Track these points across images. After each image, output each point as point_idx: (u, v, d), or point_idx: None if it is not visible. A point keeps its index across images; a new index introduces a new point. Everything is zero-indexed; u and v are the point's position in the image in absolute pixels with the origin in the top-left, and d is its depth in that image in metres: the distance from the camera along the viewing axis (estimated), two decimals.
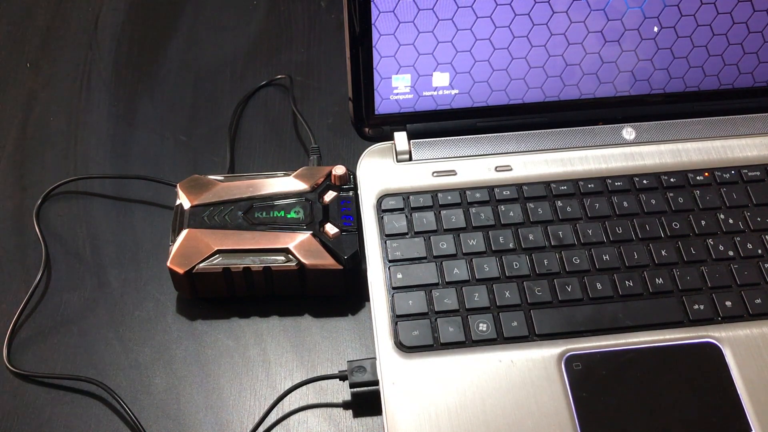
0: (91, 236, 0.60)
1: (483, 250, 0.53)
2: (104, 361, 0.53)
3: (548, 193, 0.56)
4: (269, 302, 0.56)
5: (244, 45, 0.74)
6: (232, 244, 0.53)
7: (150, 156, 0.65)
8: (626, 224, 0.55)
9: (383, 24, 0.53)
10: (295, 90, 0.69)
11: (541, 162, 0.58)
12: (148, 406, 0.51)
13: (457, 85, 0.57)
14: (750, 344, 0.49)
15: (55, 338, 0.55)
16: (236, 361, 0.54)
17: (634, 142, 0.59)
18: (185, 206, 0.55)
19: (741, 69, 0.59)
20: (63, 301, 0.57)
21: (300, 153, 0.65)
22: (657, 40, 0.56)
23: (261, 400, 0.52)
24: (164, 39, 0.74)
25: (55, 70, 0.72)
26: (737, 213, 0.55)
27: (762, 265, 0.53)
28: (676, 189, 0.56)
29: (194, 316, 0.56)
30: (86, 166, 0.65)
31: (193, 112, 0.69)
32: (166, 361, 0.54)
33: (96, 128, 0.67)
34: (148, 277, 0.58)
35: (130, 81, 0.71)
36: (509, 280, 0.52)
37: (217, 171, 0.63)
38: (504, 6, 0.53)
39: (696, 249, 0.53)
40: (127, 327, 0.55)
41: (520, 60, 0.56)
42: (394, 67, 0.56)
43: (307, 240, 0.53)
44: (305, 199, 0.55)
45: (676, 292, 0.52)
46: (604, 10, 0.54)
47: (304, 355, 0.54)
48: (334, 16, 0.76)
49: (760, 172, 0.57)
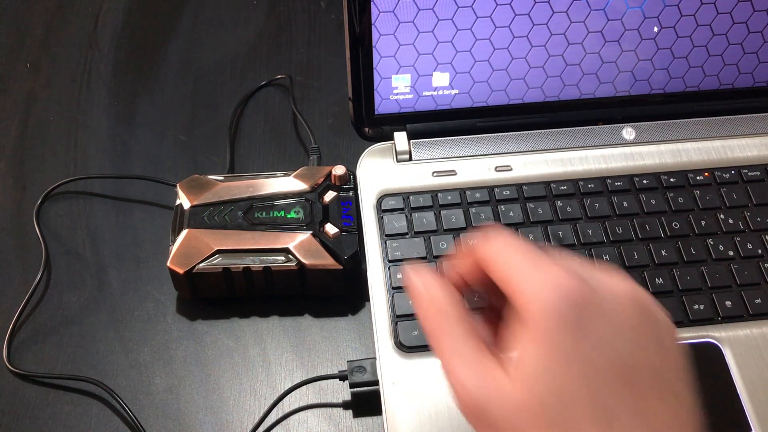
0: (91, 236, 0.60)
1: None
2: (104, 361, 0.53)
3: (548, 193, 0.56)
4: (269, 302, 0.56)
5: (244, 45, 0.74)
6: (232, 244, 0.53)
7: (150, 156, 0.65)
8: (626, 224, 0.55)
9: (383, 24, 0.53)
10: (295, 90, 0.69)
11: (541, 162, 0.58)
12: (148, 406, 0.51)
13: (457, 85, 0.57)
14: (750, 344, 0.49)
15: (55, 338, 0.55)
16: (236, 361, 0.54)
17: (634, 142, 0.59)
18: (185, 206, 0.55)
19: (741, 69, 0.59)
20: (63, 301, 0.57)
21: (300, 153, 0.65)
22: (657, 40, 0.56)
23: (261, 400, 0.52)
24: (164, 39, 0.74)
25: (55, 70, 0.72)
26: (737, 213, 0.55)
27: (762, 265, 0.53)
28: (676, 189, 0.56)
29: (194, 316, 0.56)
30: (86, 166, 0.65)
31: (193, 112, 0.69)
32: (166, 361, 0.54)
33: (96, 128, 0.67)
34: (148, 277, 0.58)
35: (130, 81, 0.71)
36: None
37: (217, 171, 0.63)
38: (504, 6, 0.53)
39: (696, 249, 0.53)
40: (127, 327, 0.55)
41: (520, 60, 0.56)
42: (394, 67, 0.56)
43: (307, 240, 0.53)
44: (305, 199, 0.55)
45: (676, 292, 0.52)
46: (604, 10, 0.54)
47: (304, 355, 0.54)
48: (334, 16, 0.76)
49: (760, 172, 0.57)
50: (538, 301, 0.31)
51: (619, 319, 0.32)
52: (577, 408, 0.30)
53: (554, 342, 0.31)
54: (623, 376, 0.31)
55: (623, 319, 0.32)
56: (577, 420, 0.30)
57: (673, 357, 0.32)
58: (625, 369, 0.31)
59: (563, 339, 0.31)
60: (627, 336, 0.32)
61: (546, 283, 0.31)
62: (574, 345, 0.31)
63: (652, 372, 0.31)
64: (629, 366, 0.31)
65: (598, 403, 0.30)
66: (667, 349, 0.32)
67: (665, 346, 0.32)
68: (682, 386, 0.32)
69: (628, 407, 0.30)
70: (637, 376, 0.31)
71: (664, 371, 0.32)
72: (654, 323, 0.33)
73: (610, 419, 0.30)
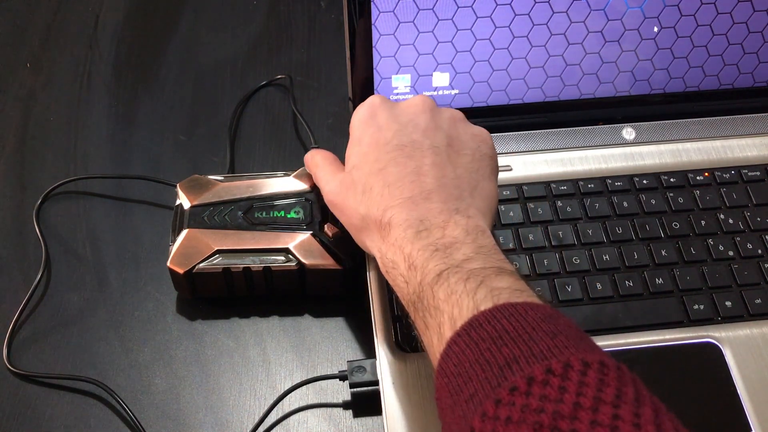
0: (91, 236, 0.60)
1: None
2: (104, 361, 0.53)
3: (548, 193, 0.56)
4: (269, 302, 0.56)
5: (244, 45, 0.74)
6: (232, 244, 0.53)
7: (150, 156, 0.65)
8: (626, 224, 0.55)
9: (383, 24, 0.53)
10: (295, 90, 0.69)
11: (541, 162, 0.58)
12: (148, 406, 0.51)
13: (457, 85, 0.57)
14: (750, 344, 0.49)
15: (55, 338, 0.55)
16: (236, 361, 0.54)
17: (634, 142, 0.59)
18: (185, 206, 0.55)
19: (741, 69, 0.59)
20: (63, 301, 0.57)
21: (300, 153, 0.65)
22: (657, 40, 0.56)
23: (261, 400, 0.52)
24: (164, 39, 0.74)
25: (55, 70, 0.72)
26: (737, 213, 0.55)
27: (762, 265, 0.53)
28: (676, 189, 0.56)
29: (194, 316, 0.56)
30: (86, 166, 0.65)
31: (193, 112, 0.69)
32: (166, 361, 0.54)
33: (96, 128, 0.67)
34: (148, 277, 0.58)
35: (130, 81, 0.71)
36: None
37: (217, 171, 0.63)
38: (504, 6, 0.53)
39: (696, 249, 0.53)
40: (127, 327, 0.55)
41: (520, 60, 0.56)
42: (394, 67, 0.56)
43: (307, 240, 0.53)
44: (305, 199, 0.55)
45: (676, 292, 0.52)
46: (604, 10, 0.54)
47: (304, 355, 0.54)
48: (334, 16, 0.76)
49: (760, 172, 0.57)
50: (353, 118, 0.47)
51: (403, 113, 0.46)
52: (367, 169, 0.44)
53: (355, 134, 0.47)
54: (400, 146, 0.44)
55: (407, 113, 0.45)
56: (367, 176, 0.43)
57: (446, 135, 0.45)
58: (402, 141, 0.44)
59: (359, 129, 0.46)
60: (406, 121, 0.45)
61: (360, 105, 0.47)
62: (365, 129, 0.46)
63: (426, 144, 0.44)
64: (406, 140, 0.44)
65: (379, 163, 0.43)
66: (442, 129, 0.45)
67: (442, 127, 0.45)
68: (457, 157, 0.44)
69: (397, 164, 0.43)
70: (411, 146, 0.44)
71: (438, 143, 0.44)
72: (434, 111, 0.46)
73: (385, 172, 0.43)
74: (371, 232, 0.43)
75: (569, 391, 0.30)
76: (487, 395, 0.32)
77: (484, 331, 0.34)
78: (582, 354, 0.32)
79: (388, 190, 0.42)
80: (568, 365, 0.31)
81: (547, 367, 0.31)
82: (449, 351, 0.35)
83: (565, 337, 0.33)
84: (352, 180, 0.45)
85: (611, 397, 0.30)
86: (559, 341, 0.33)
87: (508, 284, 0.37)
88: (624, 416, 0.29)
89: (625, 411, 0.30)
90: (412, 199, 0.41)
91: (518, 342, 0.33)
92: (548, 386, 0.31)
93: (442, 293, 0.37)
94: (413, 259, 0.39)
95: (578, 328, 0.35)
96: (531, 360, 0.32)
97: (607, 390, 0.30)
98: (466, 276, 0.37)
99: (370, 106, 0.47)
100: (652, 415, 0.30)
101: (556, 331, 0.34)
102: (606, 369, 0.31)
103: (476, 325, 0.35)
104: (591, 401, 0.30)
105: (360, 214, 0.44)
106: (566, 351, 0.32)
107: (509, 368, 0.32)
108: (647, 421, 0.29)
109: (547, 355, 0.32)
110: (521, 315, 0.34)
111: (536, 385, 0.31)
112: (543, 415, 0.30)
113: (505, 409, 0.31)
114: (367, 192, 0.43)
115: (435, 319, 0.37)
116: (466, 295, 0.36)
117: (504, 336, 0.33)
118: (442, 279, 0.37)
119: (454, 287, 0.37)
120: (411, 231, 0.40)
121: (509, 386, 0.31)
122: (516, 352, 0.33)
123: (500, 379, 0.32)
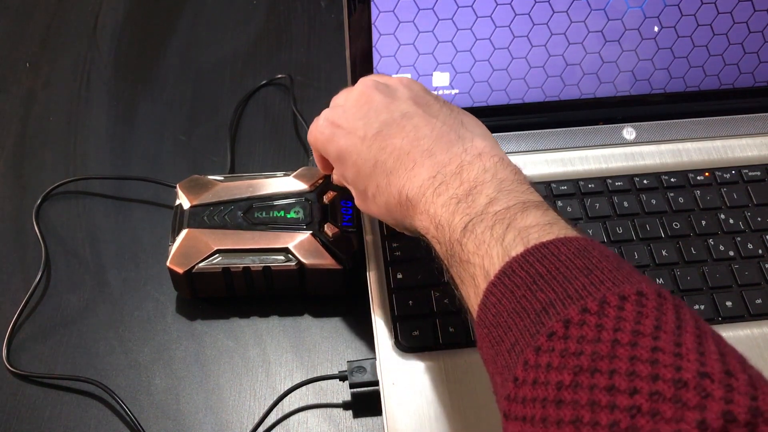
0: (91, 236, 0.60)
1: None
2: (104, 361, 0.53)
3: (548, 193, 0.56)
4: (269, 302, 0.56)
5: (244, 45, 0.74)
6: (231, 243, 0.53)
7: (150, 156, 0.65)
8: (626, 224, 0.54)
9: (383, 24, 0.53)
10: (295, 90, 0.69)
11: (541, 162, 0.58)
12: (148, 406, 0.51)
13: (457, 85, 0.57)
14: (750, 344, 0.49)
15: (55, 338, 0.55)
16: (236, 361, 0.54)
17: (634, 142, 0.59)
18: (185, 206, 0.55)
19: (741, 69, 0.59)
20: (63, 301, 0.57)
21: (300, 153, 0.65)
22: (657, 39, 0.56)
23: (261, 401, 0.52)
24: (164, 39, 0.74)
25: (55, 69, 0.72)
26: (737, 213, 0.55)
27: (762, 265, 0.53)
28: (677, 189, 0.56)
29: (194, 316, 0.56)
30: (86, 166, 0.65)
31: (192, 112, 0.69)
32: (166, 361, 0.54)
33: (96, 128, 0.67)
34: (148, 277, 0.58)
35: (130, 81, 0.71)
36: None
37: (217, 171, 0.63)
38: (504, 6, 0.53)
39: (696, 249, 0.53)
40: (126, 327, 0.55)
41: (520, 60, 0.56)
42: (394, 67, 0.56)
43: (307, 240, 0.53)
44: (305, 199, 0.55)
45: (677, 292, 0.51)
46: (604, 10, 0.54)
47: (304, 355, 0.54)
48: (334, 16, 0.76)
49: (760, 172, 0.57)
50: (317, 143, 0.48)
51: (357, 106, 0.46)
52: (365, 173, 0.44)
53: (331, 156, 0.47)
54: (377, 134, 0.44)
55: (360, 103, 0.45)
56: (368, 180, 0.44)
57: (407, 97, 0.45)
58: (375, 129, 0.44)
59: (332, 149, 0.46)
60: (366, 110, 0.45)
61: (313, 125, 0.48)
62: (337, 146, 0.45)
63: (397, 116, 0.44)
64: (378, 126, 0.44)
65: (369, 162, 0.43)
66: (399, 95, 0.45)
67: (398, 94, 0.45)
68: (428, 108, 0.44)
69: (385, 151, 0.43)
70: (386, 127, 0.44)
71: (406, 109, 0.44)
72: (380, 87, 0.46)
73: (379, 165, 0.43)
74: (405, 218, 0.43)
75: (606, 328, 0.30)
76: (527, 343, 0.32)
77: (518, 278, 0.34)
78: (618, 288, 0.31)
79: (393, 176, 0.42)
80: (604, 301, 0.31)
81: (583, 307, 0.31)
82: (486, 302, 0.35)
83: (600, 271, 0.32)
84: (363, 191, 0.45)
85: (650, 328, 0.29)
86: (594, 277, 0.32)
87: (536, 221, 0.36)
88: (664, 347, 0.28)
89: (665, 342, 0.29)
90: (417, 165, 0.41)
91: (552, 284, 0.32)
92: (585, 326, 0.30)
93: (471, 245, 0.37)
94: (438, 218, 0.39)
95: (615, 255, 0.34)
96: (567, 302, 0.31)
97: (646, 321, 0.30)
98: (492, 222, 0.37)
99: (326, 123, 0.47)
100: (694, 342, 0.29)
101: (591, 266, 0.33)
102: (644, 299, 0.31)
103: (509, 272, 0.34)
104: (629, 336, 0.29)
105: (385, 211, 0.44)
106: (602, 287, 0.31)
107: (546, 313, 0.32)
108: (689, 350, 0.28)
109: (582, 294, 0.31)
110: (553, 255, 0.34)
111: (573, 327, 0.30)
112: (582, 357, 0.29)
113: (545, 356, 0.30)
114: (378, 193, 0.43)
115: (468, 272, 0.37)
116: (495, 243, 0.36)
117: (538, 280, 0.33)
118: (468, 231, 0.37)
119: (482, 237, 0.36)
120: (429, 192, 0.40)
121: (547, 332, 0.31)
122: (551, 295, 0.32)
123: (538, 326, 0.32)
